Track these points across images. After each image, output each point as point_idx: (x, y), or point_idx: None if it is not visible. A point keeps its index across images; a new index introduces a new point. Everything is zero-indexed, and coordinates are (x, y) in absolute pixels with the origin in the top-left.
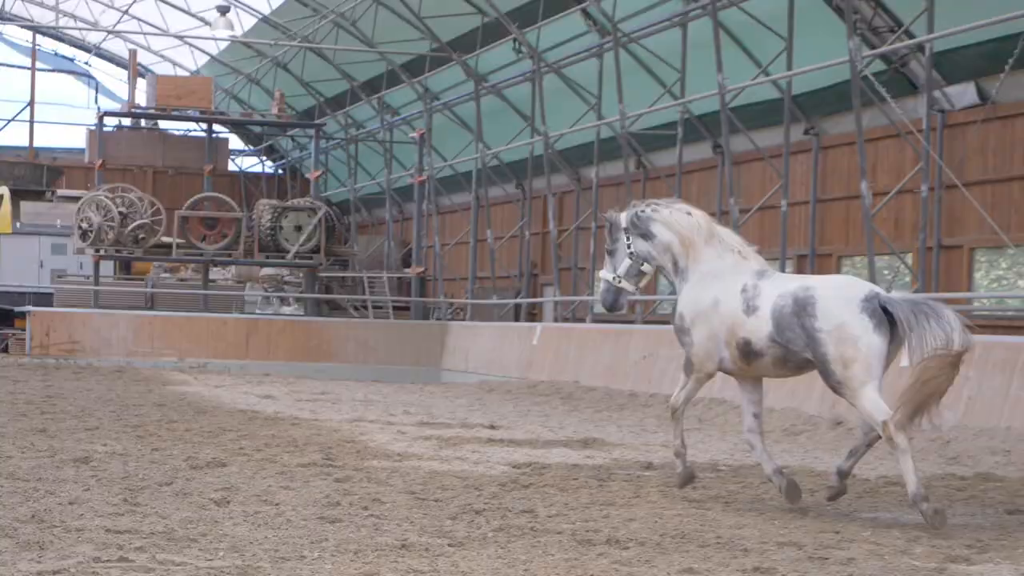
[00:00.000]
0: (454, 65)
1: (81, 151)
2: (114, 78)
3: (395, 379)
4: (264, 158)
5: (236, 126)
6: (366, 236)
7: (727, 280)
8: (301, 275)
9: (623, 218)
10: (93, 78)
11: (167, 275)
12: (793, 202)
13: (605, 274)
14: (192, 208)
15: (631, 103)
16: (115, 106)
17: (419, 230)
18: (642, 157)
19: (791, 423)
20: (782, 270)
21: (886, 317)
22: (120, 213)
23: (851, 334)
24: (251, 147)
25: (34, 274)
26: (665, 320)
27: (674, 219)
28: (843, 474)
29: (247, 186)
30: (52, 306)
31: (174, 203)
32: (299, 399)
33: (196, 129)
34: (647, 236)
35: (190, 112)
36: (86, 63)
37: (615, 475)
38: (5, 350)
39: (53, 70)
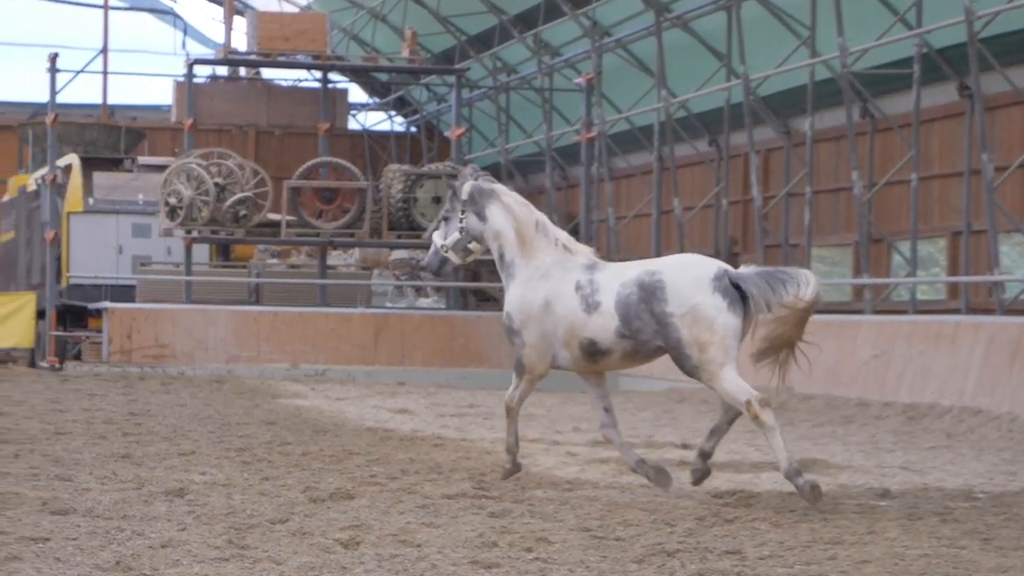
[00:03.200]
0: None
1: (167, 108)
2: (206, 17)
3: (560, 387)
4: (393, 113)
5: (358, 74)
6: None
7: (556, 278)
8: None
9: (465, 190)
10: (180, 18)
11: (275, 261)
12: None
13: (436, 238)
14: (305, 177)
15: (854, 35)
16: (208, 52)
17: (588, 199)
18: (868, 103)
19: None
20: None
21: (738, 293)
22: (216, 185)
23: (705, 316)
24: (376, 100)
25: (111, 262)
26: (902, 309)
27: (514, 207)
28: (705, 455)
29: (372, 148)
30: (134, 301)
31: (283, 171)
32: (442, 414)
33: (308, 79)
34: (481, 216)
35: (300, 58)
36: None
37: (842, 506)
38: (78, 357)
39: (130, 8)
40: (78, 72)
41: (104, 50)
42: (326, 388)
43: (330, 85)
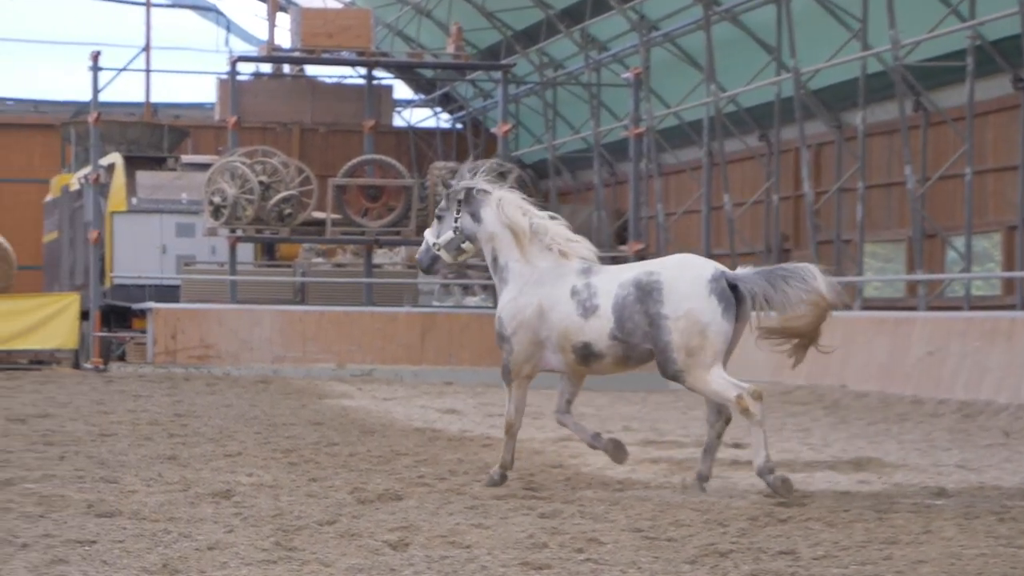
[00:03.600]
0: None
1: (210, 106)
2: (249, 14)
3: (610, 386)
4: (438, 109)
5: (403, 70)
6: (569, 205)
7: (549, 284)
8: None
9: (461, 189)
10: (223, 14)
11: (320, 260)
12: None
13: (429, 236)
14: (350, 175)
15: (906, 28)
16: (251, 49)
17: (636, 196)
18: (921, 96)
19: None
20: None
21: (733, 295)
22: (260, 183)
23: (699, 321)
24: (422, 96)
25: (155, 262)
26: (956, 305)
27: (509, 211)
28: (704, 478)
29: (418, 145)
30: (179, 302)
31: (327, 169)
32: (490, 414)
33: (353, 75)
34: (476, 217)
35: (345, 54)
36: None
37: (898, 505)
38: (122, 358)
39: (173, 5)
40: (121, 70)
41: (147, 48)
42: (373, 388)
43: (375, 82)
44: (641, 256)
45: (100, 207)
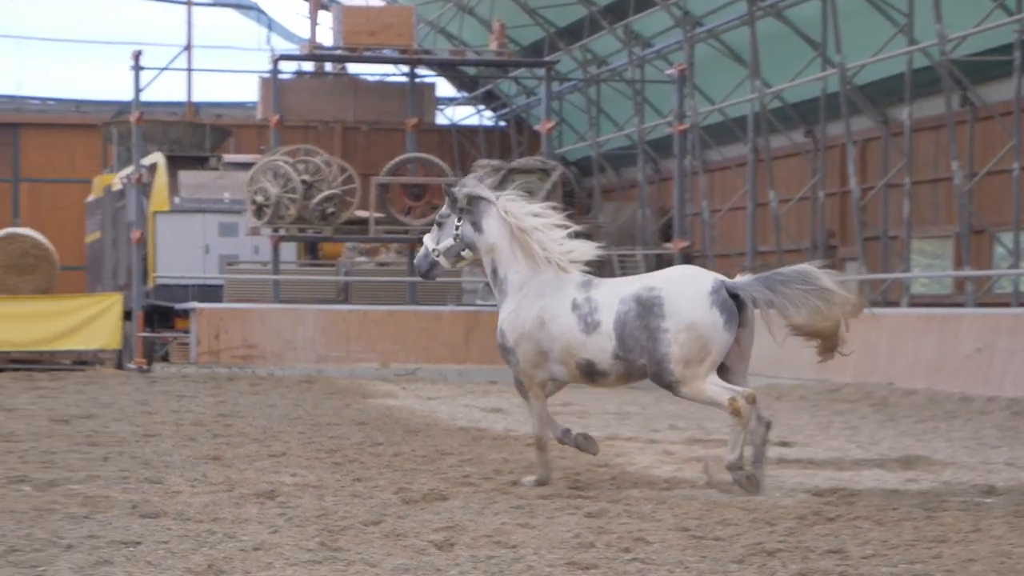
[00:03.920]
0: None
1: (252, 105)
2: (291, 12)
3: (656, 385)
4: (481, 107)
5: (445, 68)
6: (613, 202)
7: (548, 295)
8: None
9: (463, 198)
10: (264, 13)
11: (364, 259)
12: None
13: (428, 241)
14: (393, 173)
15: (952, 22)
16: (293, 47)
17: (681, 193)
18: (968, 91)
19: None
20: None
21: (735, 304)
22: (303, 182)
23: (702, 334)
24: (465, 94)
25: (198, 261)
26: (1005, 301)
27: (511, 221)
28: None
29: (461, 143)
30: (222, 301)
31: (370, 167)
32: None
33: (395, 73)
34: (477, 227)
35: (387, 52)
36: None
37: (947, 503)
38: (165, 358)
39: (214, 4)
40: (163, 69)
41: (188, 47)
42: (417, 387)
43: (417, 79)
44: (687, 254)
45: (143, 207)
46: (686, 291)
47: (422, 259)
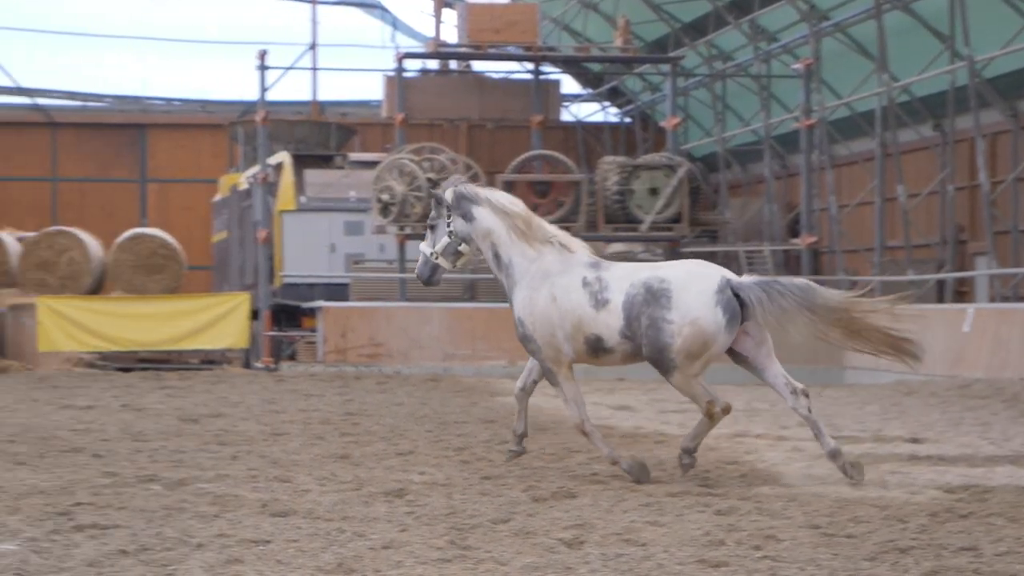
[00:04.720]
0: None
1: (377, 104)
2: (415, 10)
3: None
4: (606, 104)
5: (570, 64)
6: (740, 199)
7: (556, 273)
8: (659, 251)
9: (448, 195)
10: (389, 11)
11: None
12: None
13: (424, 247)
14: (519, 171)
15: None
16: (417, 45)
17: (808, 189)
18: None
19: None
20: None
21: (738, 303)
22: (429, 180)
23: (704, 331)
24: (589, 90)
25: (324, 260)
26: None
27: (503, 203)
28: (835, 453)
29: (586, 140)
30: (348, 300)
31: (495, 165)
32: (663, 410)
33: (520, 70)
34: (467, 217)
35: (511, 49)
36: None
37: None
38: (293, 357)
39: (339, 3)
40: (288, 69)
41: (313, 46)
42: (544, 385)
43: (542, 77)
44: (814, 250)
45: (269, 206)
46: (693, 287)
47: (422, 266)
